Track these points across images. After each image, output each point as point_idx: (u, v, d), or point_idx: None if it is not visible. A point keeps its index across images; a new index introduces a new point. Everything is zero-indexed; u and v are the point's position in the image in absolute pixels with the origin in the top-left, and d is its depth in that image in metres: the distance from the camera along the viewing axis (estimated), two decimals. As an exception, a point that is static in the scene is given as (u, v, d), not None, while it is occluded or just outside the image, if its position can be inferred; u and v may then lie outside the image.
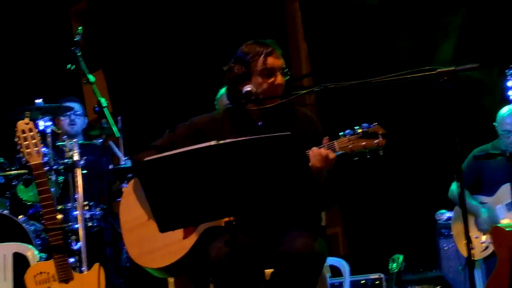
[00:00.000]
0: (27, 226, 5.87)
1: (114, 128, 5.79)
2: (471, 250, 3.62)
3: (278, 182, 3.41)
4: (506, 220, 5.97)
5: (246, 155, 3.37)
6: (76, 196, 5.94)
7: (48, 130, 6.13)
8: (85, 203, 6.12)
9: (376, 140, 3.84)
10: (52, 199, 5.05)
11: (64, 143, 6.18)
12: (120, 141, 6.59)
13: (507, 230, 5.65)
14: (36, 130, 5.08)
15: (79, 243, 5.85)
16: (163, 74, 8.79)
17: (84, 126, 6.91)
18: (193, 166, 3.38)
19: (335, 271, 6.10)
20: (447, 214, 6.63)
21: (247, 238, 3.93)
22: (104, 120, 5.81)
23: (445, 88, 3.63)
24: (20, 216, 6.03)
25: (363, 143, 3.84)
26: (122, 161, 6.55)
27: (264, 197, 3.44)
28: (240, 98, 4.23)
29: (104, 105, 5.75)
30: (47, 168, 5.92)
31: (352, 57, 7.45)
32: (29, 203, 6.32)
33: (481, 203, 6.19)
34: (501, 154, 5.80)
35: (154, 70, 8.85)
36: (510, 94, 6.20)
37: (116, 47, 9.07)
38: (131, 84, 9.03)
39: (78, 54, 5.87)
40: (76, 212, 6.00)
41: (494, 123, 6.17)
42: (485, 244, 6.01)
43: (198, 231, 4.03)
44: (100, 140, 6.47)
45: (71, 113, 6.76)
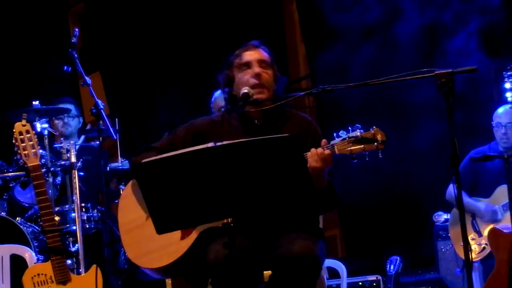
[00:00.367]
0: (25, 228, 5.86)
1: (111, 130, 5.79)
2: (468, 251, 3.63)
3: (276, 184, 3.41)
4: (503, 221, 5.98)
5: (243, 157, 3.37)
6: (74, 198, 5.94)
7: (45, 132, 6.13)
8: (83, 205, 6.11)
9: (375, 143, 3.84)
10: (50, 201, 5.05)
11: (61, 144, 6.18)
12: (117, 143, 6.59)
13: (504, 231, 5.66)
14: (33, 132, 5.08)
15: (77, 245, 5.84)
16: (160, 76, 8.80)
17: (79, 126, 6.90)
18: (190, 168, 3.38)
19: (332, 273, 6.10)
20: (444, 216, 6.64)
21: (245, 240, 3.94)
22: (101, 122, 5.81)
23: (442, 89, 3.63)
24: (17, 218, 6.02)
25: (362, 146, 3.85)
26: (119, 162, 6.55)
27: (262, 199, 3.44)
28: (237, 100, 4.23)
29: (101, 107, 5.74)
30: (44, 170, 5.92)
31: (350, 59, 7.45)
32: (26, 205, 6.31)
33: (477, 204, 6.21)
34: (499, 156, 5.80)
35: (151, 72, 8.86)
36: (508, 95, 6.21)
37: (113, 49, 9.08)
38: (128, 86, 9.04)
39: (75, 56, 5.87)
40: (73, 214, 5.99)
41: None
42: (481, 246, 6.02)
43: (196, 232, 4.03)
44: (98, 142, 6.46)
45: (65, 115, 6.75)
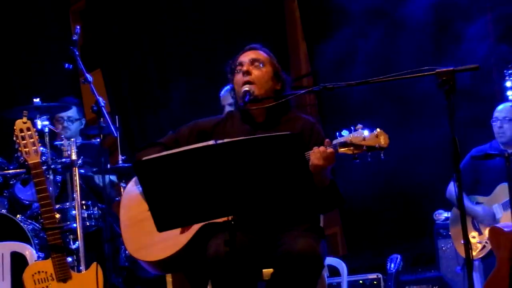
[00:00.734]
0: (25, 225, 5.87)
1: (112, 128, 5.79)
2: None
3: (276, 182, 3.41)
4: (503, 219, 5.98)
5: (244, 154, 3.37)
6: (74, 195, 5.94)
7: (46, 129, 6.13)
8: (83, 202, 6.12)
9: (378, 143, 3.84)
10: (50, 198, 5.05)
11: (62, 142, 6.18)
12: (118, 141, 6.59)
13: (505, 230, 5.66)
14: (34, 129, 5.07)
15: (77, 243, 5.84)
16: (161, 74, 8.79)
17: (81, 127, 6.89)
18: (191, 166, 3.38)
19: (333, 271, 6.10)
20: (445, 214, 6.64)
21: (245, 237, 3.94)
22: (102, 120, 5.80)
23: (443, 88, 3.62)
24: (18, 216, 6.02)
25: (365, 146, 3.85)
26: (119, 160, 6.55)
27: (263, 197, 3.44)
28: (239, 99, 4.25)
29: (102, 104, 5.74)
30: (45, 167, 5.92)
31: (352, 57, 7.45)
32: (27, 202, 6.31)
33: (477, 203, 6.20)
34: (499, 155, 5.80)
35: (152, 69, 8.86)
36: (509, 94, 6.21)
37: (114, 47, 9.07)
38: (129, 83, 9.04)
39: (76, 53, 5.86)
40: (74, 212, 5.99)
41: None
42: (481, 244, 6.02)
43: (195, 226, 4.03)
44: (98, 140, 6.46)
45: (65, 120, 6.75)
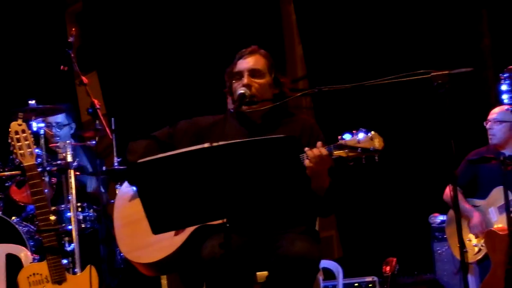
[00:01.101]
0: (21, 227, 5.86)
1: (107, 130, 5.78)
2: (465, 253, 3.62)
3: (272, 184, 3.40)
4: (498, 223, 5.98)
5: (239, 157, 3.36)
6: (70, 197, 5.94)
7: (41, 131, 6.13)
8: (79, 204, 6.11)
9: (372, 146, 3.84)
10: (46, 200, 5.04)
11: (58, 144, 6.17)
12: (113, 143, 6.59)
13: (500, 233, 5.66)
14: (29, 131, 5.07)
15: (73, 245, 5.84)
16: (156, 76, 8.78)
17: (72, 131, 6.87)
18: (186, 168, 3.37)
19: (328, 274, 6.09)
20: (440, 218, 6.63)
21: (240, 239, 3.93)
22: (97, 122, 5.80)
23: (439, 91, 3.62)
24: (13, 217, 6.01)
25: (359, 149, 3.85)
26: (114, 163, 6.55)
27: (258, 200, 3.43)
28: (235, 101, 4.24)
29: (98, 106, 5.74)
30: (40, 169, 5.91)
31: (348, 60, 7.45)
32: (22, 204, 6.30)
33: (474, 206, 6.20)
34: (495, 158, 5.81)
35: (148, 72, 8.84)
36: (504, 97, 6.21)
37: (110, 49, 9.06)
38: (125, 85, 9.02)
39: (72, 55, 5.86)
40: (69, 213, 5.99)
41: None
42: (477, 248, 6.02)
43: (190, 228, 4.02)
44: (94, 142, 6.45)
45: (53, 126, 6.74)
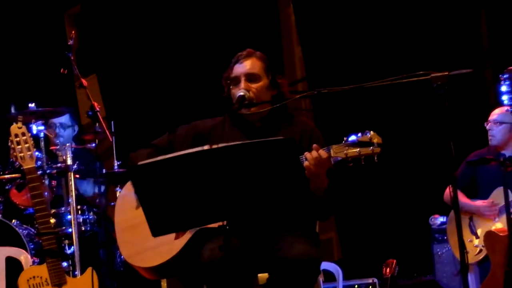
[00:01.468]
0: (21, 230, 5.86)
1: (107, 133, 5.79)
2: (466, 253, 3.62)
3: (271, 187, 3.41)
4: (499, 224, 5.98)
5: (238, 159, 3.36)
6: (70, 200, 5.94)
7: (41, 134, 6.13)
8: (79, 207, 6.11)
9: (371, 147, 3.85)
10: (45, 203, 5.04)
11: (57, 147, 6.17)
12: (113, 146, 6.59)
13: (500, 234, 5.66)
14: (29, 134, 5.08)
15: (73, 247, 5.84)
16: (156, 79, 8.79)
17: (75, 133, 6.87)
18: (186, 171, 3.37)
19: (328, 276, 6.09)
20: (440, 219, 6.63)
21: (240, 241, 3.93)
22: (97, 125, 5.80)
23: (438, 92, 3.62)
24: (13, 220, 6.01)
25: (358, 150, 3.85)
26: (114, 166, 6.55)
27: (258, 202, 3.43)
28: (234, 103, 4.24)
29: (97, 109, 5.73)
30: (40, 172, 5.91)
31: (347, 61, 7.45)
32: (22, 207, 6.30)
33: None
34: (495, 159, 5.81)
35: (147, 74, 8.85)
36: (504, 98, 6.22)
37: (109, 52, 9.07)
38: (124, 88, 9.03)
39: (72, 58, 5.86)
40: (69, 216, 5.99)
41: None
42: (478, 248, 6.02)
43: (190, 232, 4.03)
44: (94, 145, 6.45)
45: (57, 126, 6.74)
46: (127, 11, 8.91)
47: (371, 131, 3.88)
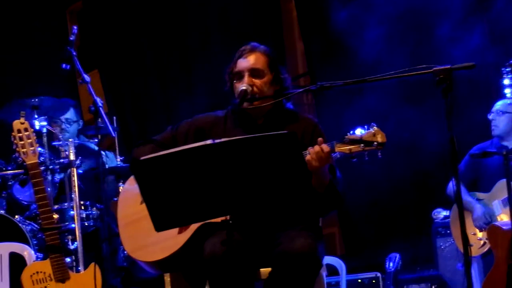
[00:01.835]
0: (24, 226, 5.87)
1: (110, 128, 5.78)
2: (469, 247, 3.62)
3: (274, 181, 3.41)
4: (503, 216, 5.98)
5: (241, 154, 3.36)
6: (73, 195, 5.94)
7: (44, 130, 6.13)
8: (82, 202, 6.11)
9: (375, 142, 3.84)
10: (48, 199, 5.05)
11: (60, 142, 6.17)
12: (116, 141, 6.59)
13: (503, 228, 5.66)
14: (32, 130, 5.08)
15: (76, 243, 5.84)
16: (158, 74, 8.79)
17: (79, 128, 6.87)
18: (189, 165, 3.38)
19: (331, 270, 6.10)
20: (443, 213, 6.63)
21: (242, 236, 3.93)
22: (99, 120, 5.80)
23: (441, 86, 3.62)
24: (16, 216, 6.02)
25: (362, 145, 3.85)
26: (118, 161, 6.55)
27: (260, 196, 3.44)
28: (237, 98, 4.23)
29: (100, 104, 5.73)
30: (43, 167, 5.92)
31: (349, 56, 7.44)
32: (25, 203, 6.31)
33: (477, 199, 6.20)
34: (498, 153, 5.81)
35: (149, 69, 8.85)
36: (506, 92, 6.23)
37: (111, 47, 9.07)
38: (126, 84, 9.03)
39: (74, 53, 5.85)
40: (72, 212, 5.99)
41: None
42: (482, 241, 6.02)
43: (193, 226, 4.03)
44: (96, 140, 6.45)
45: (62, 121, 6.74)
46: (128, 6, 8.91)
47: (375, 127, 3.87)
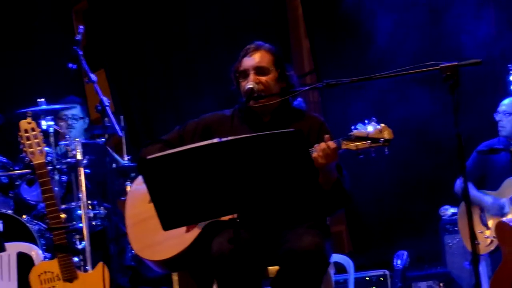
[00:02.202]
0: (31, 225, 5.87)
1: (116, 127, 5.79)
2: (477, 245, 3.62)
3: (281, 179, 3.41)
4: (511, 214, 5.96)
5: (248, 152, 3.36)
6: (80, 195, 5.94)
7: (51, 130, 6.13)
8: (89, 202, 6.12)
9: (382, 139, 3.84)
10: (56, 199, 5.05)
11: (67, 142, 6.17)
12: (123, 140, 6.59)
13: (511, 225, 5.64)
14: (39, 130, 5.09)
15: (84, 242, 5.85)
16: (164, 73, 8.79)
17: (85, 127, 6.87)
18: (196, 164, 3.38)
19: (339, 268, 6.09)
20: (451, 210, 6.63)
21: (249, 234, 3.93)
22: (106, 119, 5.80)
23: (447, 83, 3.62)
24: (24, 216, 6.03)
25: (369, 141, 3.85)
26: (124, 161, 6.54)
27: (268, 194, 3.44)
28: (243, 96, 4.24)
29: (106, 104, 5.74)
30: (50, 167, 5.92)
31: (355, 53, 7.44)
32: (33, 203, 6.32)
33: (485, 196, 6.20)
34: (504, 149, 5.80)
35: (156, 69, 8.85)
36: (513, 88, 6.21)
37: (118, 46, 9.07)
38: (133, 83, 9.03)
39: (80, 53, 5.86)
40: (80, 211, 6.00)
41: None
42: (489, 239, 6.00)
43: (201, 225, 4.03)
44: (103, 139, 6.45)
45: (68, 117, 6.73)
46: (134, 5, 8.91)
47: (382, 123, 3.87)
